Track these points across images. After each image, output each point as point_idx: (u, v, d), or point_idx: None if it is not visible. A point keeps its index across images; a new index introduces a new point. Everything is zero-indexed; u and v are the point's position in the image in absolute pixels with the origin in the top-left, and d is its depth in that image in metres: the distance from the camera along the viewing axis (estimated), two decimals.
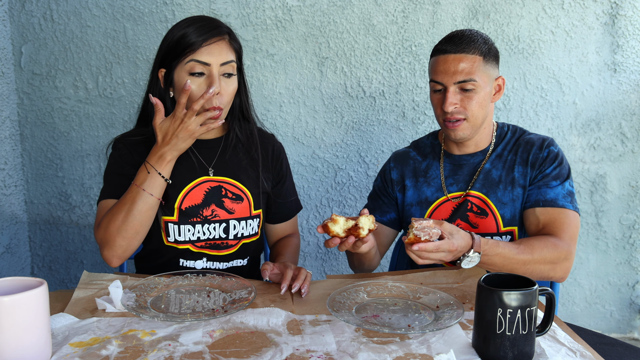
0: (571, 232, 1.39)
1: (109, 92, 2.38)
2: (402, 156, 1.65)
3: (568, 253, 1.36)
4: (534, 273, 1.33)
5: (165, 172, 1.34)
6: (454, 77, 1.42)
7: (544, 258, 1.32)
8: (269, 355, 0.96)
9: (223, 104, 1.37)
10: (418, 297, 1.22)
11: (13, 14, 2.33)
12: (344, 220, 1.18)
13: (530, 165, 1.48)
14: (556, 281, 1.39)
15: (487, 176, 1.51)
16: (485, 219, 1.50)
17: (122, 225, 1.32)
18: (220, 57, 1.36)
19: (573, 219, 1.41)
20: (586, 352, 0.98)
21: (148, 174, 1.32)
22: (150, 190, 1.32)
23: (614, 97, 2.41)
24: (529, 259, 1.31)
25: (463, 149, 1.55)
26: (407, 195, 1.59)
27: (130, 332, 1.05)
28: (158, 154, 1.33)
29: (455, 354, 0.96)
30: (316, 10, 2.33)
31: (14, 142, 2.40)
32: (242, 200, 1.50)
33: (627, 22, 2.34)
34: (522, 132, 1.56)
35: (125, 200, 1.34)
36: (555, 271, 1.35)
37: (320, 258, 2.54)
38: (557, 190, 1.44)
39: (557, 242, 1.36)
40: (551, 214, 1.42)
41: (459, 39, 1.43)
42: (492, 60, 1.47)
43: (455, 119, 1.45)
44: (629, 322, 2.58)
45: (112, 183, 1.45)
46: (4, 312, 0.87)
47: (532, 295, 0.93)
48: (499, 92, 1.51)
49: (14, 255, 2.43)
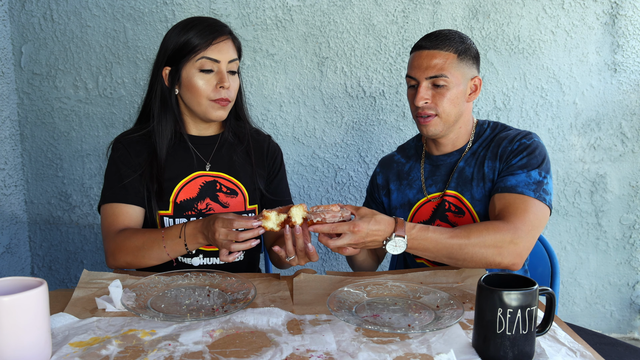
0: (526, 217, 1.30)
1: (109, 92, 2.38)
2: (387, 161, 1.67)
3: (515, 237, 1.26)
4: (476, 258, 1.25)
5: (191, 247, 1.36)
6: (426, 72, 1.43)
7: (483, 242, 1.24)
8: (269, 355, 0.96)
9: (231, 98, 1.47)
10: (418, 297, 1.22)
11: (13, 14, 2.33)
12: (275, 214, 1.21)
13: (499, 158, 1.45)
14: (508, 268, 1.29)
15: (460, 174, 1.51)
16: (463, 218, 1.49)
17: (131, 257, 1.38)
18: (228, 55, 1.45)
19: (532, 206, 1.33)
20: (586, 352, 0.98)
21: (179, 238, 1.34)
22: (169, 250, 1.36)
23: (614, 97, 2.40)
24: (464, 243, 1.24)
25: (441, 149, 1.55)
26: (392, 198, 1.61)
27: (130, 331, 1.04)
28: (199, 234, 1.32)
29: (455, 353, 0.96)
30: (316, 10, 2.33)
31: (14, 142, 2.40)
32: (236, 195, 1.53)
33: (628, 22, 2.34)
34: (502, 128, 1.52)
35: (144, 240, 1.37)
36: (503, 256, 1.26)
37: (321, 258, 2.54)
38: (519, 177, 1.38)
39: (500, 224, 1.28)
40: (507, 199, 1.36)
41: (435, 36, 1.45)
42: (469, 60, 1.46)
43: (427, 115, 1.45)
44: (629, 322, 2.58)
45: (111, 186, 1.48)
46: (4, 312, 0.87)
47: (532, 295, 0.93)
48: (474, 92, 1.50)
49: (14, 255, 2.43)
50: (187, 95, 1.46)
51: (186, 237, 1.33)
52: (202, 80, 1.43)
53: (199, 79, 1.43)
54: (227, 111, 1.48)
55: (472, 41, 1.51)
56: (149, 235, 1.37)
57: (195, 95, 1.44)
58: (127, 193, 1.45)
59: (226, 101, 1.45)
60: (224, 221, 1.22)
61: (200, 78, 1.43)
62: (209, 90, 1.43)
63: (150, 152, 1.49)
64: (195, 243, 1.33)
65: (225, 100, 1.45)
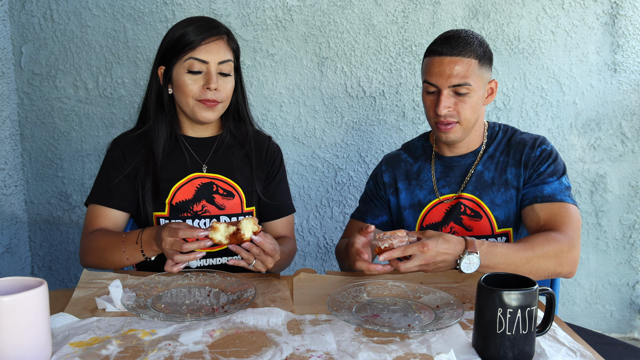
0: (573, 225, 1.36)
1: (109, 92, 2.38)
2: (393, 159, 1.64)
3: (571, 245, 1.31)
4: (540, 270, 1.29)
5: (148, 254, 1.33)
6: (449, 80, 1.40)
7: (546, 253, 1.28)
8: (269, 355, 0.96)
9: (220, 99, 1.44)
10: (418, 297, 1.22)
11: (13, 14, 2.33)
12: (224, 226, 1.19)
13: (523, 165, 1.47)
14: (565, 277, 1.34)
15: (479, 178, 1.50)
16: (480, 222, 1.49)
17: (94, 257, 1.39)
18: (218, 56, 1.42)
19: (574, 212, 1.38)
20: (586, 352, 0.98)
21: (136, 243, 1.32)
22: (128, 255, 1.34)
23: (614, 97, 2.40)
24: (530, 256, 1.27)
25: (454, 150, 1.54)
26: (400, 198, 1.59)
27: (130, 331, 1.04)
28: (152, 241, 1.30)
29: (455, 353, 0.95)
30: (316, 10, 2.33)
31: (14, 142, 2.40)
32: (233, 197, 1.53)
33: (627, 22, 2.34)
34: (513, 132, 1.54)
35: (107, 243, 1.37)
36: (562, 266, 1.30)
37: (320, 258, 2.54)
38: (554, 185, 1.42)
39: (557, 235, 1.32)
40: (550, 209, 1.39)
41: (455, 41, 1.41)
42: (487, 64, 1.45)
43: (448, 122, 1.43)
44: (629, 322, 2.58)
45: (98, 187, 1.49)
46: (4, 312, 0.87)
47: (532, 295, 0.93)
48: (491, 95, 1.50)
49: (14, 255, 2.43)
50: (177, 95, 1.46)
51: (142, 244, 1.31)
52: (190, 81, 1.41)
53: (187, 79, 1.42)
54: (216, 112, 1.46)
55: (487, 42, 1.49)
56: (112, 238, 1.37)
57: (184, 95, 1.43)
58: (112, 197, 1.46)
59: (213, 102, 1.43)
60: (170, 230, 1.21)
61: (189, 78, 1.41)
62: (195, 91, 1.42)
63: (146, 151, 1.50)
64: (150, 250, 1.31)
65: (213, 102, 1.42)
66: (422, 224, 1.55)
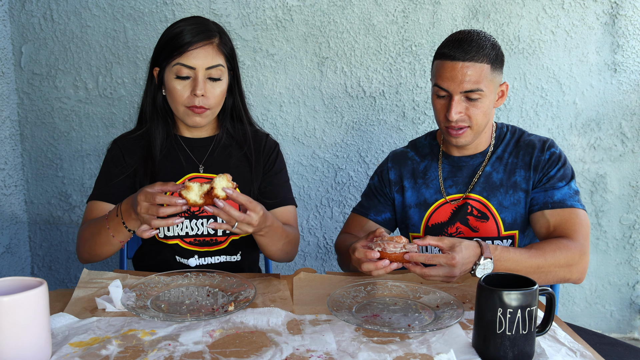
0: (583, 231, 1.36)
1: (109, 92, 2.38)
2: (400, 156, 1.63)
3: (582, 253, 1.32)
4: (550, 277, 1.29)
5: (129, 225, 1.27)
6: (461, 86, 1.37)
7: (557, 261, 1.29)
8: (269, 355, 0.96)
9: (208, 105, 1.43)
10: (418, 297, 1.22)
11: (13, 14, 2.33)
12: (198, 185, 1.16)
13: (533, 168, 1.46)
14: (574, 282, 1.35)
15: (487, 179, 1.50)
16: (486, 223, 1.48)
17: (86, 246, 1.36)
18: (206, 61, 1.40)
19: (583, 218, 1.39)
20: (586, 352, 0.98)
21: (117, 216, 1.27)
22: (113, 231, 1.29)
23: (614, 97, 2.40)
24: (542, 263, 1.27)
25: (462, 151, 1.54)
26: (406, 196, 1.58)
27: (130, 331, 1.04)
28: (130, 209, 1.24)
29: (455, 353, 0.96)
30: (316, 10, 2.33)
31: (14, 142, 2.40)
32: None
33: (627, 22, 2.34)
34: (521, 133, 1.54)
35: (93, 227, 1.34)
36: (572, 273, 1.31)
37: (320, 258, 2.54)
38: (563, 190, 1.42)
39: (569, 243, 1.32)
40: (561, 215, 1.39)
41: (468, 45, 1.36)
42: (499, 67, 1.43)
43: (460, 127, 1.42)
44: (629, 322, 2.58)
45: (98, 186, 1.50)
46: (4, 312, 0.87)
47: (532, 295, 0.93)
48: (502, 98, 1.48)
49: (14, 255, 2.43)
50: (168, 98, 1.46)
51: (122, 214, 1.26)
52: (179, 86, 1.41)
53: (176, 85, 1.41)
54: (205, 118, 1.45)
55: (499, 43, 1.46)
56: (97, 221, 1.34)
57: (173, 101, 1.44)
58: (111, 193, 1.46)
59: (201, 109, 1.42)
60: (146, 194, 1.16)
61: (177, 84, 1.41)
62: (183, 97, 1.41)
63: (144, 151, 1.50)
64: (130, 220, 1.25)
65: (200, 108, 1.41)
66: (427, 223, 1.54)
